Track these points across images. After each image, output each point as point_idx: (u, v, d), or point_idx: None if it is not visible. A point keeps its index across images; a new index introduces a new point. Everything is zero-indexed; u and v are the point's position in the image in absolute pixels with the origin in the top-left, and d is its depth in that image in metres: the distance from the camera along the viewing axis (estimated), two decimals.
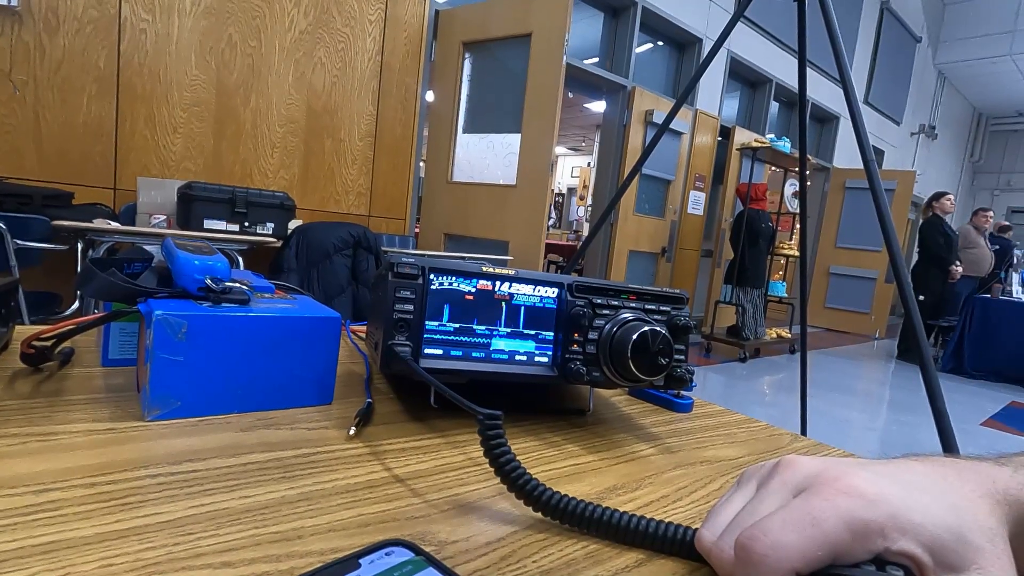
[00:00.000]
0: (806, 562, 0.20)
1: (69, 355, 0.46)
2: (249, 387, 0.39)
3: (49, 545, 0.23)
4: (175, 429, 0.35)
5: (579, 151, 12.69)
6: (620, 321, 0.42)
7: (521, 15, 3.16)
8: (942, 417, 1.21)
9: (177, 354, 0.36)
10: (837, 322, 7.30)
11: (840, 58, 1.46)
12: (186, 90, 2.68)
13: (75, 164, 2.44)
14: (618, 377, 0.42)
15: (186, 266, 0.40)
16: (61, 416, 0.35)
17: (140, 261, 0.51)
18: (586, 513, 0.28)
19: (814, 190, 7.16)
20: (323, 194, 3.20)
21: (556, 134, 3.12)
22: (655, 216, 5.02)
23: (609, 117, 4.83)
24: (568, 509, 0.28)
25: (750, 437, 0.49)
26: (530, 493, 0.29)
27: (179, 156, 2.71)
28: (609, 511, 0.28)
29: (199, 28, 2.67)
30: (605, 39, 4.79)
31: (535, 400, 0.51)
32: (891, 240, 1.34)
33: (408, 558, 0.23)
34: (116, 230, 2.09)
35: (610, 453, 0.41)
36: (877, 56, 7.62)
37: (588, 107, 8.76)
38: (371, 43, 3.23)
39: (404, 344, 0.39)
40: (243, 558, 0.23)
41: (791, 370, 4.66)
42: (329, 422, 0.40)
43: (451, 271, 0.40)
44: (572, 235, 10.06)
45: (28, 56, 2.29)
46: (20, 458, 0.29)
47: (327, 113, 3.13)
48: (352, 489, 0.31)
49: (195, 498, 0.28)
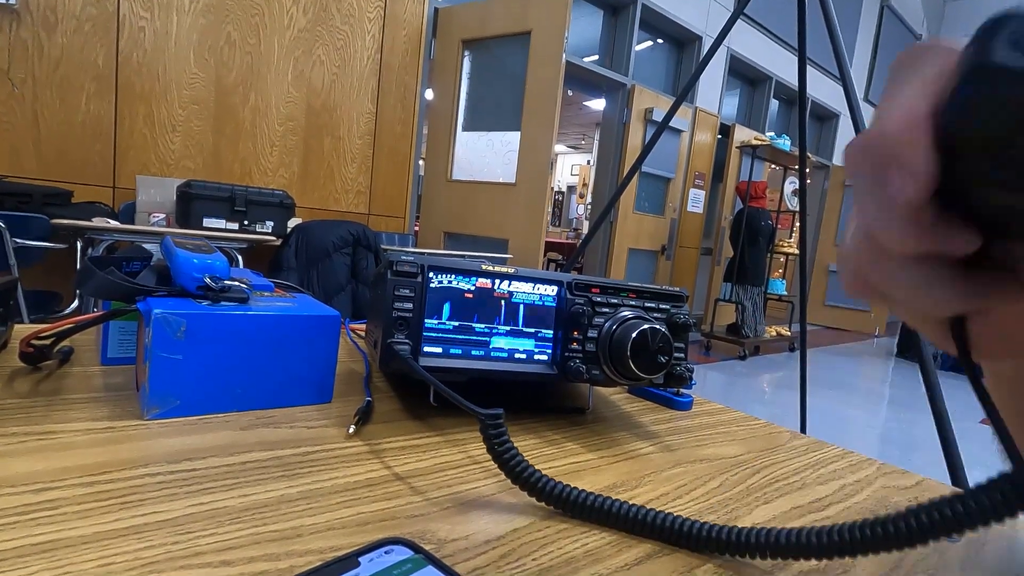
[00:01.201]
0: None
1: (68, 354, 0.46)
2: (248, 386, 0.39)
3: (48, 544, 0.23)
4: (174, 428, 0.35)
5: (579, 149, 12.68)
6: (620, 319, 0.42)
7: (520, 13, 3.16)
8: (941, 415, 1.21)
9: (176, 353, 0.36)
10: (837, 320, 7.31)
11: (840, 55, 1.46)
12: (185, 88, 2.68)
13: (74, 163, 2.44)
14: (618, 375, 0.42)
15: (185, 265, 0.40)
16: (60, 415, 0.35)
17: (139, 260, 0.51)
18: (596, 504, 0.29)
19: (814, 188, 7.16)
20: (322, 192, 3.20)
21: (556, 132, 3.11)
22: (655, 214, 5.02)
23: (609, 115, 4.82)
24: (579, 502, 0.29)
25: (750, 435, 0.49)
26: (542, 489, 0.29)
27: (178, 154, 2.70)
28: (618, 502, 0.29)
29: (198, 26, 2.67)
30: (605, 37, 4.78)
31: (535, 398, 0.51)
32: None
33: (407, 556, 0.23)
34: (115, 229, 2.09)
35: (610, 451, 0.41)
36: (877, 53, 7.61)
37: (588, 105, 8.75)
38: (370, 41, 3.22)
39: (403, 342, 0.39)
40: (242, 557, 0.23)
41: (791, 368, 4.66)
42: (328, 420, 0.40)
43: (451, 269, 0.40)
44: (572, 233, 10.06)
45: (26, 54, 2.28)
46: (19, 457, 0.29)
47: (326, 111, 3.13)
48: (351, 487, 0.31)
49: (194, 497, 0.28)
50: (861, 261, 0.17)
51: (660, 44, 5.25)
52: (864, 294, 0.18)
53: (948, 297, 0.16)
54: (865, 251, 0.17)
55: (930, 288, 0.16)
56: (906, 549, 0.20)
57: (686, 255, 5.45)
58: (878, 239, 0.16)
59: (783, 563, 0.28)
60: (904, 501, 0.38)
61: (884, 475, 0.42)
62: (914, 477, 0.43)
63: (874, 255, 0.17)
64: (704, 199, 5.50)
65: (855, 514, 0.35)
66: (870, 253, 0.17)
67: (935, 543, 0.20)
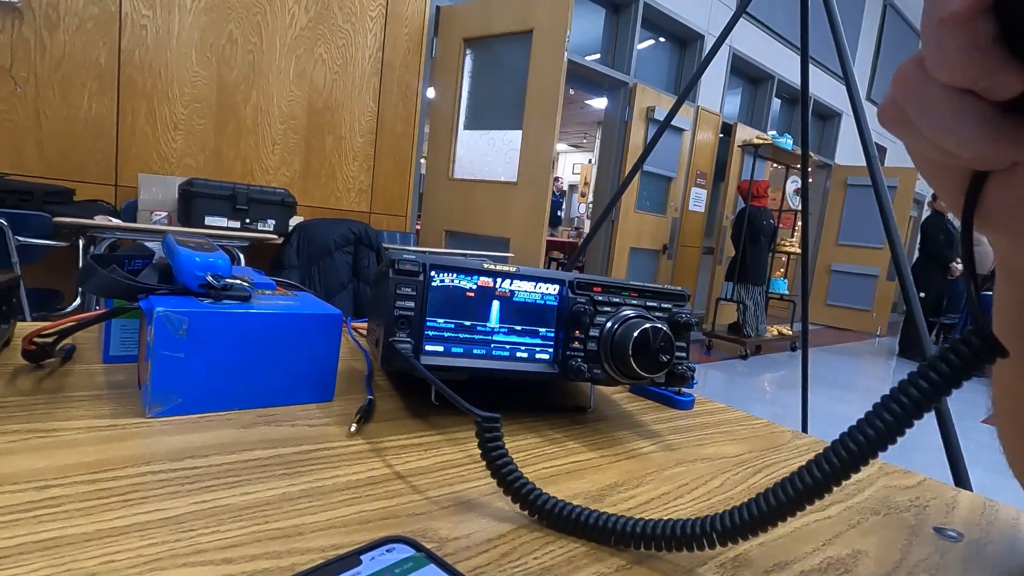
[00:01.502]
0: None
1: (70, 352, 0.46)
2: (250, 384, 0.39)
3: (50, 541, 0.23)
4: (176, 425, 0.35)
5: (580, 148, 12.67)
6: (621, 318, 0.42)
7: (522, 11, 3.15)
8: (943, 414, 1.21)
9: (178, 351, 0.36)
10: (839, 319, 7.30)
11: (843, 54, 1.45)
12: (187, 86, 2.68)
13: (76, 161, 2.44)
14: (619, 374, 0.42)
15: (187, 263, 0.40)
16: (62, 412, 0.35)
17: (141, 258, 0.51)
18: (580, 518, 0.28)
19: (816, 187, 7.15)
20: (324, 191, 3.20)
21: (557, 131, 3.11)
22: (656, 213, 5.01)
23: (610, 114, 4.82)
24: (562, 514, 0.28)
25: (751, 434, 0.49)
26: (525, 497, 0.29)
27: (180, 152, 2.70)
28: (604, 515, 0.28)
29: (200, 24, 2.67)
30: (606, 35, 4.78)
31: (536, 397, 0.51)
32: (893, 237, 1.34)
33: (409, 555, 0.23)
34: (117, 227, 2.09)
35: (611, 450, 0.41)
36: (880, 52, 7.59)
37: (589, 104, 8.74)
38: (372, 39, 3.22)
39: (405, 341, 0.39)
40: (244, 554, 0.24)
41: (792, 367, 4.65)
42: (330, 419, 0.40)
43: (452, 268, 0.40)
44: (573, 232, 10.05)
45: (29, 52, 2.29)
46: (22, 454, 0.29)
47: (328, 110, 3.13)
48: (353, 486, 0.31)
49: (196, 494, 0.28)
50: (906, 83, 0.17)
51: (662, 43, 5.24)
52: (895, 121, 0.18)
53: (979, 136, 0.16)
54: (913, 73, 0.17)
55: (963, 123, 0.16)
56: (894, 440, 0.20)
57: (688, 254, 5.45)
58: (927, 59, 0.16)
59: (784, 563, 0.28)
60: (906, 501, 0.38)
61: (886, 475, 0.42)
62: (916, 477, 0.43)
63: (920, 79, 0.16)
64: (706, 198, 5.49)
65: (856, 514, 0.35)
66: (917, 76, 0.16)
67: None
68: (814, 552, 0.30)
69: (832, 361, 5.18)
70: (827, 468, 0.21)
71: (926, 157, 0.18)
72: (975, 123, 0.16)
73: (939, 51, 0.15)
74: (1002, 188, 0.17)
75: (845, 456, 0.21)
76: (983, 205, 0.18)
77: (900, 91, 0.17)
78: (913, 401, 0.20)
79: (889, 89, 0.18)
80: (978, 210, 0.18)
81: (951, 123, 0.16)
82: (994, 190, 0.17)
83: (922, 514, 0.36)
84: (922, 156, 0.18)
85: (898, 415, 0.20)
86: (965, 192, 0.18)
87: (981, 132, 0.16)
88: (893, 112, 0.18)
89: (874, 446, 0.20)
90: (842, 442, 0.21)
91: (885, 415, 0.20)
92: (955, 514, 0.36)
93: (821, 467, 0.22)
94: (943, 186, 0.19)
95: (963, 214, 0.18)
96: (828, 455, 0.22)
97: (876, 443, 0.20)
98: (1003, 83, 0.15)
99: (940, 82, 0.16)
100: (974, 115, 0.16)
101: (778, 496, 0.23)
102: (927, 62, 0.16)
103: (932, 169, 0.19)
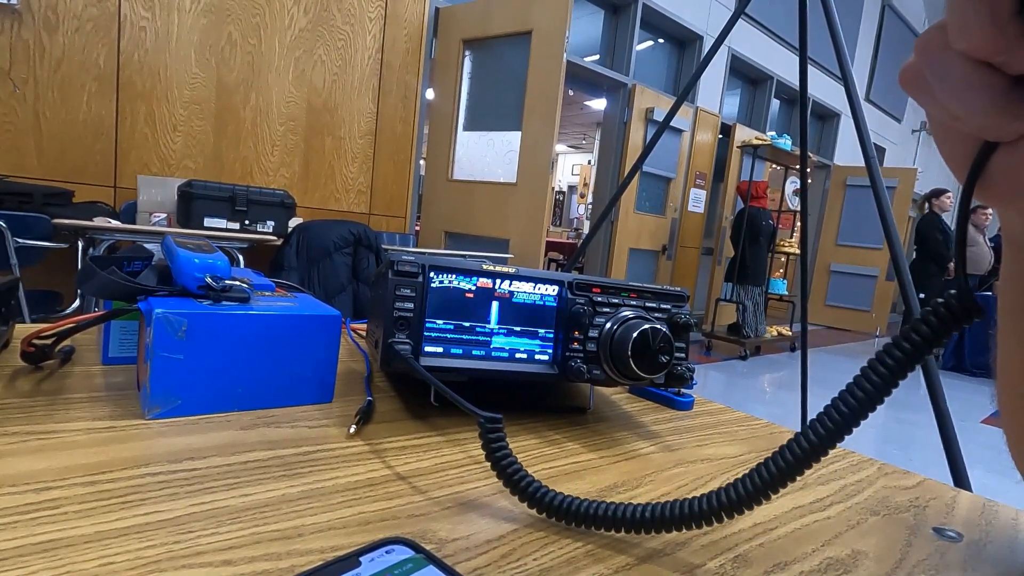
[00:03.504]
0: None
1: (69, 353, 0.46)
2: (249, 385, 0.39)
3: (49, 543, 0.23)
4: (175, 427, 0.35)
5: (580, 149, 12.67)
6: (621, 319, 0.42)
7: (522, 12, 3.16)
8: (942, 414, 1.21)
9: (177, 352, 0.36)
10: (838, 320, 7.30)
11: (841, 55, 1.46)
12: (186, 88, 2.68)
13: (75, 162, 2.44)
14: (618, 375, 0.42)
15: (186, 264, 0.40)
16: (61, 414, 0.35)
17: (140, 259, 0.51)
18: (590, 511, 0.28)
19: (815, 188, 7.15)
20: (323, 192, 3.20)
21: (556, 132, 3.11)
22: (656, 214, 5.02)
23: (610, 115, 4.82)
24: (572, 509, 0.28)
25: (751, 435, 0.49)
26: (533, 495, 0.29)
27: (179, 154, 2.70)
28: (612, 505, 0.28)
29: (199, 26, 2.67)
30: (606, 36, 4.78)
31: (535, 398, 0.51)
32: (893, 237, 1.34)
33: (409, 556, 0.23)
34: (116, 228, 2.09)
35: (610, 451, 0.41)
36: (878, 53, 7.60)
37: (589, 105, 8.74)
38: (371, 41, 3.22)
39: (404, 342, 0.39)
40: (243, 556, 0.23)
41: (792, 368, 4.65)
42: (329, 420, 0.40)
43: (451, 269, 0.40)
44: (572, 233, 10.05)
45: (28, 54, 2.29)
46: (20, 456, 0.29)
47: (327, 111, 3.13)
48: (352, 487, 0.31)
49: (195, 496, 0.28)
50: (927, 49, 0.18)
51: (661, 44, 5.24)
52: (913, 84, 0.19)
53: (989, 106, 0.16)
54: (935, 40, 0.17)
55: (977, 92, 0.16)
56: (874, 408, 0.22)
57: (687, 255, 5.45)
58: (949, 28, 0.16)
59: (784, 563, 0.28)
60: (905, 501, 0.38)
61: (885, 475, 0.42)
62: (915, 477, 0.43)
63: (941, 46, 0.17)
64: (705, 199, 5.49)
65: (856, 514, 0.35)
66: (938, 43, 0.17)
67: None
68: (814, 552, 0.30)
69: (831, 362, 5.18)
70: (830, 425, 0.23)
71: (940, 122, 0.19)
72: (988, 93, 0.16)
73: (961, 22, 0.16)
74: (1008, 159, 0.18)
75: (846, 411, 0.22)
76: (988, 175, 0.18)
77: (921, 56, 0.18)
78: (899, 361, 0.21)
79: (912, 53, 0.19)
80: (983, 180, 0.18)
81: (965, 91, 0.17)
82: (1001, 161, 0.18)
83: (922, 514, 0.36)
84: (937, 120, 0.19)
85: (890, 369, 0.21)
86: (977, 156, 0.18)
87: (992, 102, 0.16)
88: (912, 75, 0.18)
89: (873, 400, 0.22)
90: (842, 399, 0.22)
91: (880, 368, 0.22)
92: (955, 514, 0.36)
93: (824, 424, 0.23)
94: (952, 152, 0.19)
95: (966, 181, 0.18)
96: (830, 412, 0.23)
97: (874, 396, 0.22)
98: (1019, 58, 0.15)
99: (959, 51, 0.16)
100: (988, 86, 0.16)
101: (786, 457, 0.24)
102: (948, 31, 0.16)
103: (944, 134, 0.19)
